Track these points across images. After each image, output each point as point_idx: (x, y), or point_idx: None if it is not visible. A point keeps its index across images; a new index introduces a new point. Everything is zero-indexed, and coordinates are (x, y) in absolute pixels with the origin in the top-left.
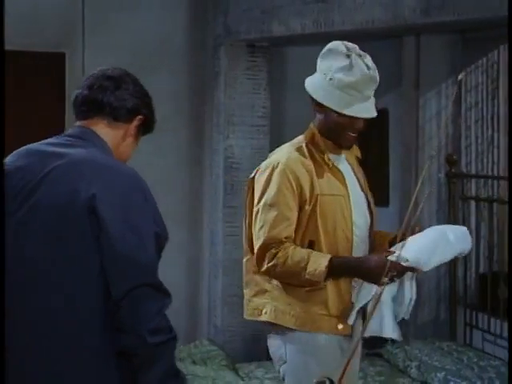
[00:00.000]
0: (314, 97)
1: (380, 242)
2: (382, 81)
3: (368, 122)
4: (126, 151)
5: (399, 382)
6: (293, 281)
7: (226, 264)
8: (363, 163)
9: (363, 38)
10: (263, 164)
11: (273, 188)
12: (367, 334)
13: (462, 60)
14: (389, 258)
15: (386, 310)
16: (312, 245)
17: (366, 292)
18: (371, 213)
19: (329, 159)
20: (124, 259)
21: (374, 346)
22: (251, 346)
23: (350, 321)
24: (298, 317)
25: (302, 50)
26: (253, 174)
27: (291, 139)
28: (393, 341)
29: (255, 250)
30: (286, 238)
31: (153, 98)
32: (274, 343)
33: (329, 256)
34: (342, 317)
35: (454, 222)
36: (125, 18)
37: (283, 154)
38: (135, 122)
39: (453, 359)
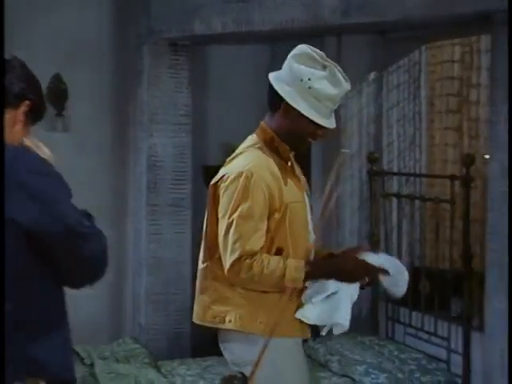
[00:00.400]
0: (293, 104)
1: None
2: None
3: None
4: (15, 138)
5: (319, 376)
6: (270, 289)
7: (149, 262)
8: None
9: (284, 37)
10: (230, 170)
11: (249, 199)
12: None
13: (384, 60)
14: (368, 259)
15: (345, 302)
16: (280, 252)
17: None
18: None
19: (292, 165)
20: (63, 235)
21: None
22: (174, 343)
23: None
24: (267, 323)
25: (224, 49)
26: (216, 180)
27: (213, 137)
28: (315, 336)
29: (229, 262)
30: (260, 248)
31: (77, 96)
32: (239, 349)
33: (303, 262)
34: None
35: (376, 219)
36: (48, 17)
37: (251, 160)
38: (23, 108)
39: (374, 352)
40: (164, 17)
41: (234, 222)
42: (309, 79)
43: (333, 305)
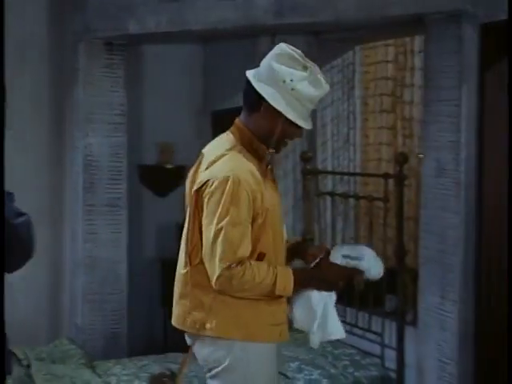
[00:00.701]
0: (277, 107)
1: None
2: (236, 81)
3: (229, 122)
4: None
5: None
6: (258, 296)
7: (86, 262)
8: None
9: (218, 37)
10: (214, 175)
11: (238, 205)
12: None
13: (318, 60)
14: (345, 262)
15: (331, 314)
16: (262, 257)
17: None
18: None
19: (272, 169)
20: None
21: None
22: (111, 343)
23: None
24: (246, 329)
25: (159, 49)
26: (199, 186)
27: (148, 137)
28: None
29: (219, 270)
30: (249, 255)
31: (13, 96)
32: (214, 351)
33: (291, 270)
34: (286, 323)
35: (310, 218)
36: None
37: (235, 164)
38: None
39: (307, 349)
40: (99, 16)
41: (224, 229)
42: (291, 80)
43: (323, 323)
